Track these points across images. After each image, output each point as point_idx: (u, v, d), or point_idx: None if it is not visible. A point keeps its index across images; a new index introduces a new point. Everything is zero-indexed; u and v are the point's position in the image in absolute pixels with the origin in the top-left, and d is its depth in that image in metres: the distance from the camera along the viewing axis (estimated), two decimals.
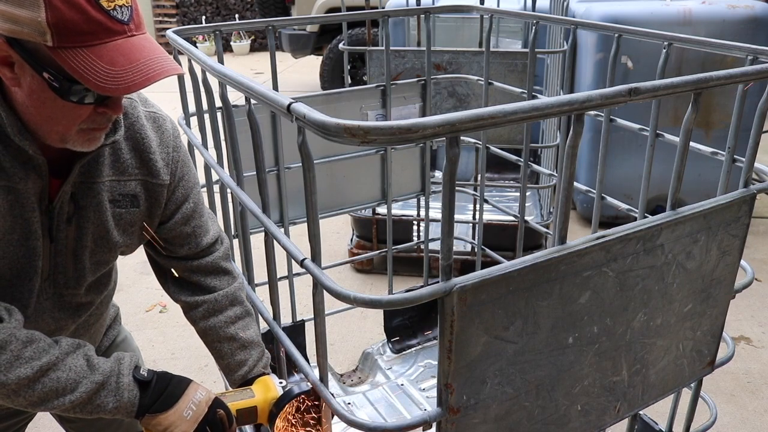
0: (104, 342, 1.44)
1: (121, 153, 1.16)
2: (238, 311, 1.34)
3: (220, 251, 1.34)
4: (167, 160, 1.21)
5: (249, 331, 1.34)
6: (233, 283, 1.35)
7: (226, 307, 1.32)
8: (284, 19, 2.04)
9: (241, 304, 1.35)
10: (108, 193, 1.15)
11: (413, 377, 2.39)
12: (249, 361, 1.32)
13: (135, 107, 1.19)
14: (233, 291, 1.34)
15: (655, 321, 1.09)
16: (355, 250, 3.42)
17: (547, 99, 0.78)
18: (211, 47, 9.55)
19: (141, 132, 1.18)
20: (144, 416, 1.12)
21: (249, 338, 1.33)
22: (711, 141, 3.57)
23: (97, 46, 0.93)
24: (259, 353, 1.34)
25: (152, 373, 1.14)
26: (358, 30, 6.42)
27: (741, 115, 1.21)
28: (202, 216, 1.31)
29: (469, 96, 2.40)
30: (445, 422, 0.89)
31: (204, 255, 1.32)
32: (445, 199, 0.77)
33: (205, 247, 1.31)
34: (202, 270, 1.32)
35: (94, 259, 1.19)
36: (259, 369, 1.32)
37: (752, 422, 2.38)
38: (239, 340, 1.32)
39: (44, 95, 0.96)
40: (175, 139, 1.24)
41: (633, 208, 1.63)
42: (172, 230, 1.27)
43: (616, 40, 1.60)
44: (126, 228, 1.20)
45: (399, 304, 0.82)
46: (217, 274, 1.33)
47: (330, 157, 2.11)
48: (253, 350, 1.33)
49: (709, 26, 3.45)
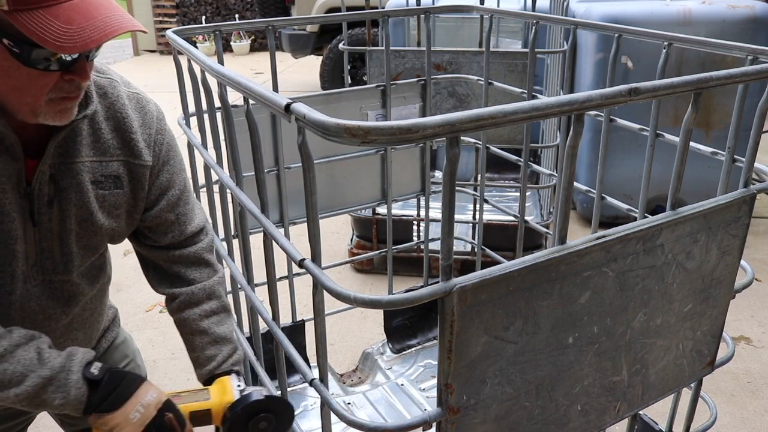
0: (102, 343, 1.43)
1: (101, 133, 1.14)
2: (214, 305, 1.32)
3: (204, 242, 1.33)
4: (149, 142, 1.20)
5: (222, 326, 1.32)
6: (213, 276, 1.34)
7: (202, 300, 1.31)
8: (284, 19, 2.04)
9: (218, 298, 1.33)
10: (89, 174, 1.14)
11: (413, 377, 2.39)
12: (218, 357, 1.30)
13: (115, 87, 1.18)
14: (211, 285, 1.33)
15: (655, 321, 1.09)
16: (355, 250, 3.42)
17: (547, 99, 0.78)
18: (211, 47, 9.55)
19: (122, 111, 1.16)
20: (91, 415, 1.09)
21: (221, 334, 1.31)
22: (711, 141, 3.57)
23: (53, 7, 0.92)
24: (229, 350, 1.32)
25: (104, 371, 1.11)
26: (358, 30, 6.42)
27: (741, 115, 1.21)
28: (188, 204, 1.30)
29: (469, 96, 2.40)
30: (445, 422, 0.89)
31: (187, 245, 1.30)
32: (445, 199, 0.77)
33: (189, 235, 1.29)
34: (184, 260, 1.31)
35: (81, 243, 1.17)
36: (227, 366, 1.30)
37: (752, 422, 2.38)
38: (211, 334, 1.30)
39: (7, 64, 0.95)
40: (159, 122, 1.23)
41: (633, 208, 1.63)
42: (158, 217, 1.25)
43: (616, 40, 1.60)
44: (111, 210, 1.18)
45: (399, 304, 0.82)
46: (198, 266, 1.32)
47: (330, 157, 2.11)
48: (224, 346, 1.31)
49: (709, 26, 3.45)
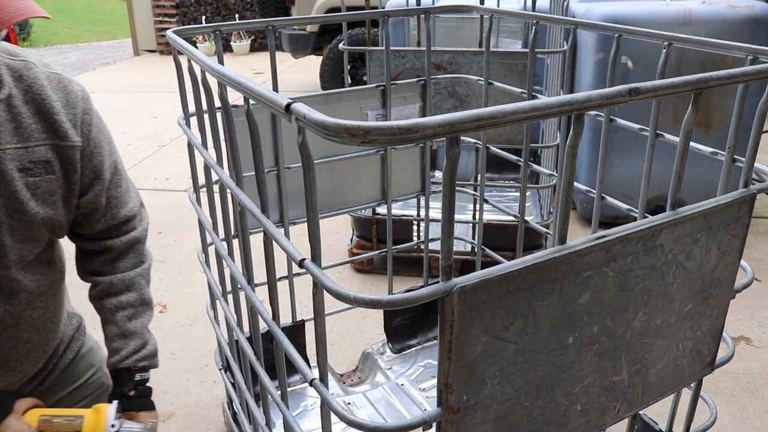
0: (68, 354, 1.37)
1: (21, 118, 1.11)
2: (131, 298, 1.29)
3: (138, 231, 1.30)
4: (75, 122, 1.16)
5: (134, 320, 1.30)
6: (138, 267, 1.30)
7: (120, 291, 1.29)
8: (284, 19, 2.04)
9: (137, 290, 1.30)
10: (15, 161, 1.10)
11: (413, 377, 2.39)
12: (123, 351, 1.28)
13: (31, 68, 1.14)
14: (132, 276, 1.30)
15: (655, 321, 1.09)
16: (355, 250, 3.42)
17: (547, 99, 0.78)
18: (211, 47, 9.55)
19: (41, 93, 1.13)
20: None
21: (131, 328, 1.29)
22: (711, 141, 3.57)
23: None
24: (136, 345, 1.29)
25: None
26: (358, 30, 6.43)
27: (741, 115, 1.21)
28: (120, 186, 1.26)
29: (469, 96, 2.40)
30: (445, 422, 0.89)
31: (120, 234, 1.26)
32: (445, 199, 0.77)
33: (122, 220, 1.25)
34: (114, 250, 1.27)
35: (17, 236, 1.13)
36: (130, 361, 1.27)
37: (752, 422, 2.38)
38: (121, 327, 1.28)
39: None
40: (85, 102, 1.19)
41: (633, 208, 1.63)
42: (93, 202, 1.22)
43: (616, 40, 1.60)
44: (45, 198, 1.15)
45: (399, 304, 0.82)
46: (126, 256, 1.28)
47: (330, 157, 2.11)
48: (131, 341, 1.28)
49: (709, 26, 3.45)
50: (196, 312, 3.15)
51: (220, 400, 2.42)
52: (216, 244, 1.53)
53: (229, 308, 1.67)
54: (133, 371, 1.28)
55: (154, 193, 4.80)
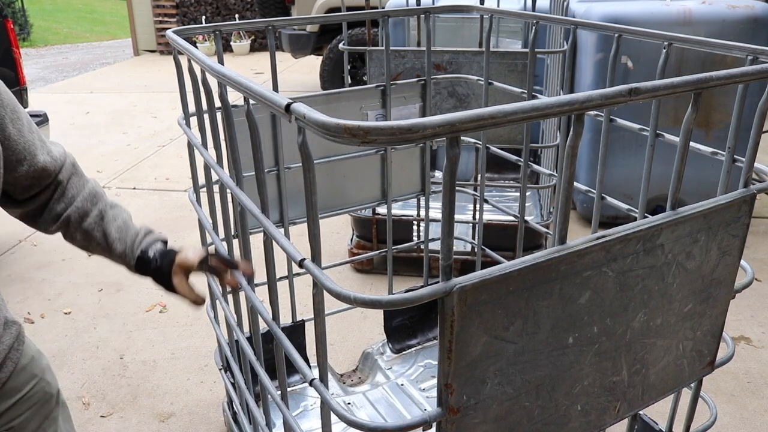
0: (7, 365, 1.27)
1: None
2: (102, 206, 1.32)
3: (66, 167, 1.30)
4: None
5: (119, 220, 1.33)
6: (87, 185, 1.32)
7: (90, 209, 1.30)
8: (284, 19, 2.04)
9: (101, 197, 1.33)
10: None
11: (413, 377, 2.39)
12: (137, 239, 1.33)
13: None
14: (89, 190, 1.31)
15: (655, 321, 1.09)
16: (355, 250, 3.42)
17: (547, 99, 0.78)
18: (211, 47, 9.55)
19: None
20: None
21: (121, 226, 1.33)
22: (711, 141, 3.57)
23: None
24: (137, 230, 1.34)
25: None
26: (358, 30, 6.43)
27: (741, 115, 1.21)
28: (32, 132, 1.23)
29: (469, 96, 2.40)
30: (445, 422, 0.89)
31: (51, 174, 1.27)
32: (445, 199, 0.77)
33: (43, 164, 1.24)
34: (58, 194, 1.29)
35: None
36: (140, 250, 1.32)
37: (752, 422, 2.38)
38: (113, 231, 1.31)
39: None
40: None
41: (633, 208, 1.63)
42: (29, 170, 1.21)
43: (616, 40, 1.60)
44: None
45: (399, 304, 0.82)
46: (69, 183, 1.29)
47: (330, 157, 2.11)
48: (128, 235, 1.32)
49: (709, 26, 3.45)
50: (196, 312, 3.15)
51: (220, 400, 2.42)
52: (216, 244, 1.53)
53: (229, 308, 1.67)
54: (146, 254, 1.34)
55: (154, 193, 4.80)
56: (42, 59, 12.47)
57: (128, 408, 2.48)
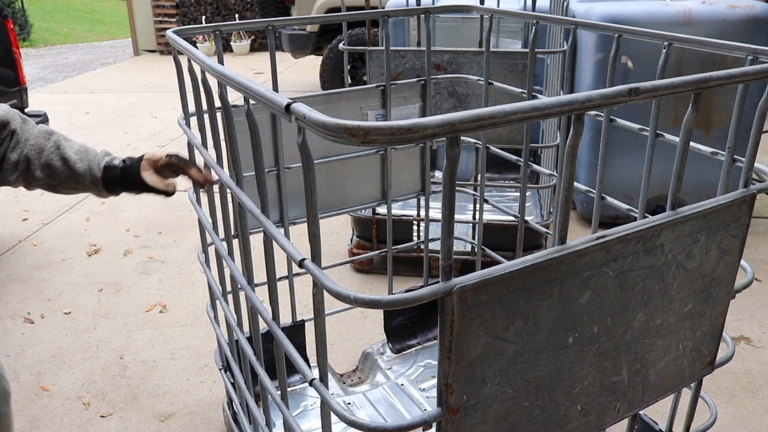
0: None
1: None
2: (56, 138, 1.39)
3: (15, 122, 1.37)
4: None
5: (74, 144, 1.41)
6: (37, 126, 1.40)
7: (45, 144, 1.37)
8: (284, 19, 2.04)
9: (54, 133, 1.41)
10: None
11: (413, 377, 2.39)
12: (98, 156, 1.41)
13: None
14: (41, 129, 1.39)
15: (655, 321, 1.09)
16: (355, 250, 3.42)
17: (547, 99, 0.78)
18: (211, 47, 9.55)
19: None
20: None
21: (80, 147, 1.40)
22: (711, 141, 3.57)
23: None
24: (95, 152, 1.42)
25: None
26: (358, 30, 6.43)
27: (741, 115, 1.21)
28: None
29: (469, 96, 2.40)
30: (445, 422, 0.89)
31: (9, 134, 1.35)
32: (445, 199, 0.77)
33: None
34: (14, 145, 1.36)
35: None
36: (103, 165, 1.40)
37: (752, 422, 2.38)
38: (72, 155, 1.38)
39: None
40: None
41: (633, 208, 1.63)
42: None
43: (616, 40, 1.60)
44: None
45: (399, 304, 0.82)
46: (24, 133, 1.37)
47: (330, 157, 2.11)
48: (89, 152, 1.41)
49: (709, 26, 3.45)
50: (196, 312, 3.15)
51: (220, 400, 2.42)
52: (216, 244, 1.53)
53: (229, 308, 1.67)
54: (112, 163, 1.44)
55: None
56: (42, 59, 12.47)
57: (128, 408, 2.48)
